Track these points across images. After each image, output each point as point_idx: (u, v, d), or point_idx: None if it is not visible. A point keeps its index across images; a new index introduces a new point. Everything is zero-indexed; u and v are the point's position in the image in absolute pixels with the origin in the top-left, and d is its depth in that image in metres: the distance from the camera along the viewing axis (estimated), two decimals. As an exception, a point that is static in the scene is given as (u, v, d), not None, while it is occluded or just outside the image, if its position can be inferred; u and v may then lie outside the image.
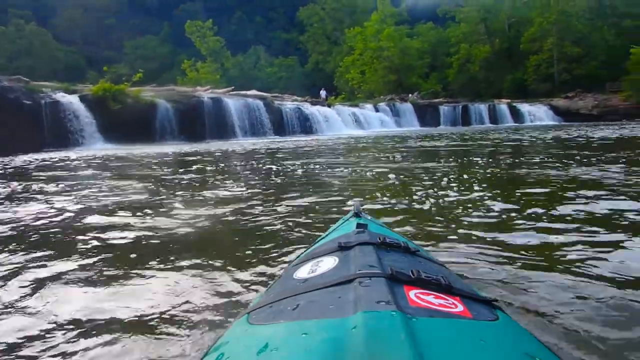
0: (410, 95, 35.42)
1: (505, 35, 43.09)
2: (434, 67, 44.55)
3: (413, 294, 0.70)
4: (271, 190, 4.75)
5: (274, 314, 0.75)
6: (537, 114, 33.69)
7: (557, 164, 6.05)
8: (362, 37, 41.13)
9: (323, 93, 31.91)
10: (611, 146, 9.81)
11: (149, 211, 3.62)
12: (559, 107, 34.31)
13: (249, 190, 4.68)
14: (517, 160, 7.09)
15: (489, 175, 5.35)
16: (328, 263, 0.91)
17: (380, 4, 42.23)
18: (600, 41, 38.49)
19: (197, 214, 3.46)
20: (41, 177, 6.65)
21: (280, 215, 3.29)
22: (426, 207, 3.42)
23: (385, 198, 3.83)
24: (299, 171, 6.47)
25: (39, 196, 4.68)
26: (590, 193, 3.68)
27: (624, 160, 6.41)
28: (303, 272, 0.93)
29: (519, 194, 3.90)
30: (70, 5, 57.80)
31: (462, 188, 4.18)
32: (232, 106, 21.94)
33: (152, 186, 5.32)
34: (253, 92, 27.51)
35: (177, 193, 4.66)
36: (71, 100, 18.05)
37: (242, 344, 0.69)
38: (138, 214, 3.54)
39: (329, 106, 27.95)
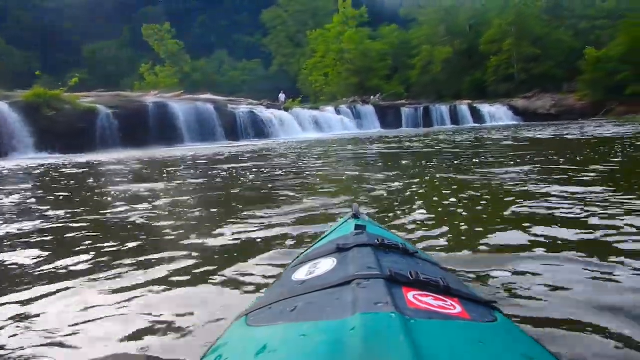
0: (372, 97, 35.13)
1: (466, 36, 43.40)
2: (397, 69, 44.47)
3: (411, 295, 0.70)
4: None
5: (272, 315, 0.74)
6: (497, 114, 33.90)
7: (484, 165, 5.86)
8: (324, 39, 40.68)
9: (282, 96, 31.32)
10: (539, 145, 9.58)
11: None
12: (518, 107, 34.64)
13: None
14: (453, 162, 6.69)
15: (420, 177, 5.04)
16: (326, 264, 0.90)
17: (341, 6, 41.91)
18: (558, 42, 39.18)
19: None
20: None
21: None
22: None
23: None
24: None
25: None
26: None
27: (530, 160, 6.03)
28: (301, 274, 0.91)
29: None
30: (22, 7, 55.61)
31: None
32: (179, 111, 21.08)
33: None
34: (207, 95, 26.72)
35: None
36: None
37: (240, 345, 0.69)
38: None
39: (286, 110, 27.31)
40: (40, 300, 1.82)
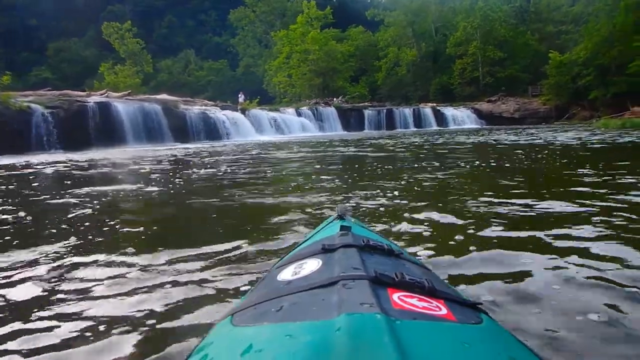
0: (334, 99, 34.54)
1: (432, 39, 43.26)
2: (364, 71, 44.04)
3: (397, 296, 0.70)
4: None
5: (257, 315, 0.74)
6: (460, 117, 33.69)
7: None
8: (288, 40, 39.92)
9: (241, 97, 30.51)
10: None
11: None
12: (482, 111, 34.51)
13: None
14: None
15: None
16: (312, 265, 0.90)
17: (305, 7, 41.25)
18: (523, 45, 39.29)
19: None
20: None
21: None
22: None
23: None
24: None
25: None
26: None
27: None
28: (287, 274, 0.91)
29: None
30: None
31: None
32: (123, 111, 20.04)
33: None
34: (162, 96, 25.76)
35: None
36: None
37: (225, 345, 0.69)
38: None
39: (243, 111, 26.47)
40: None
